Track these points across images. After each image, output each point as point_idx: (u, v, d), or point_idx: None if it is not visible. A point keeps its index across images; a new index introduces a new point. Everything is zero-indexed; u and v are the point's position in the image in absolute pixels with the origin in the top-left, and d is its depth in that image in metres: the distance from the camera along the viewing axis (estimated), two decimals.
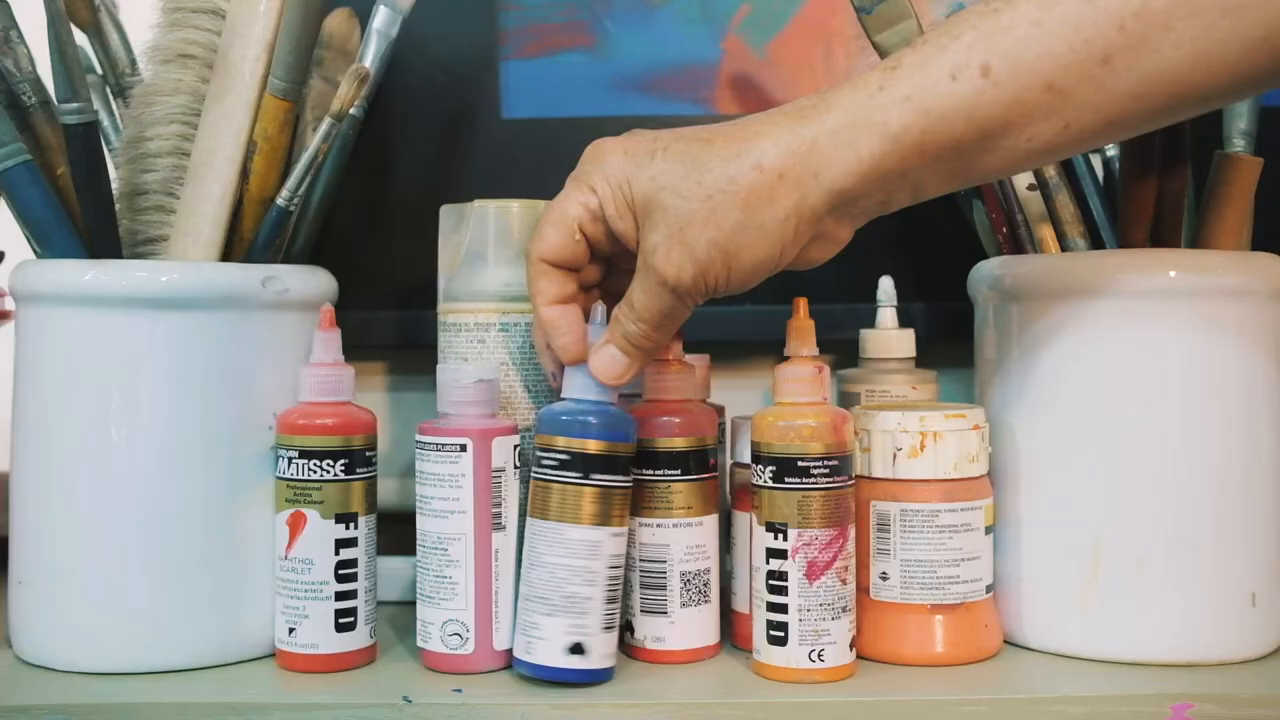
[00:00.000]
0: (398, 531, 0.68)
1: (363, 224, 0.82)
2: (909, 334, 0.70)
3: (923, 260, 0.80)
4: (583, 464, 0.56)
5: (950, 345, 0.77)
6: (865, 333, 0.71)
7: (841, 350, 0.77)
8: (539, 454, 0.57)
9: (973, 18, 0.50)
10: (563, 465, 0.56)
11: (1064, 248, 0.66)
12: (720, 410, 0.69)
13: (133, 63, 0.68)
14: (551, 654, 0.56)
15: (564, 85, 0.82)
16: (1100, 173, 0.68)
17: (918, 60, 0.50)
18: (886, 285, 0.71)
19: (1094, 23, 0.47)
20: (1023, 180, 0.67)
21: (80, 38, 0.67)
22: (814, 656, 0.57)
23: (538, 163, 0.81)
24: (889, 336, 0.70)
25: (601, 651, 0.56)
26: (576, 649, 0.56)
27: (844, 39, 0.81)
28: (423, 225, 0.68)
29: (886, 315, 0.70)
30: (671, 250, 0.52)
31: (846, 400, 0.71)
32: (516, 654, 0.57)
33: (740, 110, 0.81)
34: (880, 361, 0.70)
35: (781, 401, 0.58)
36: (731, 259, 0.52)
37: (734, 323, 0.80)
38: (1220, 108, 0.61)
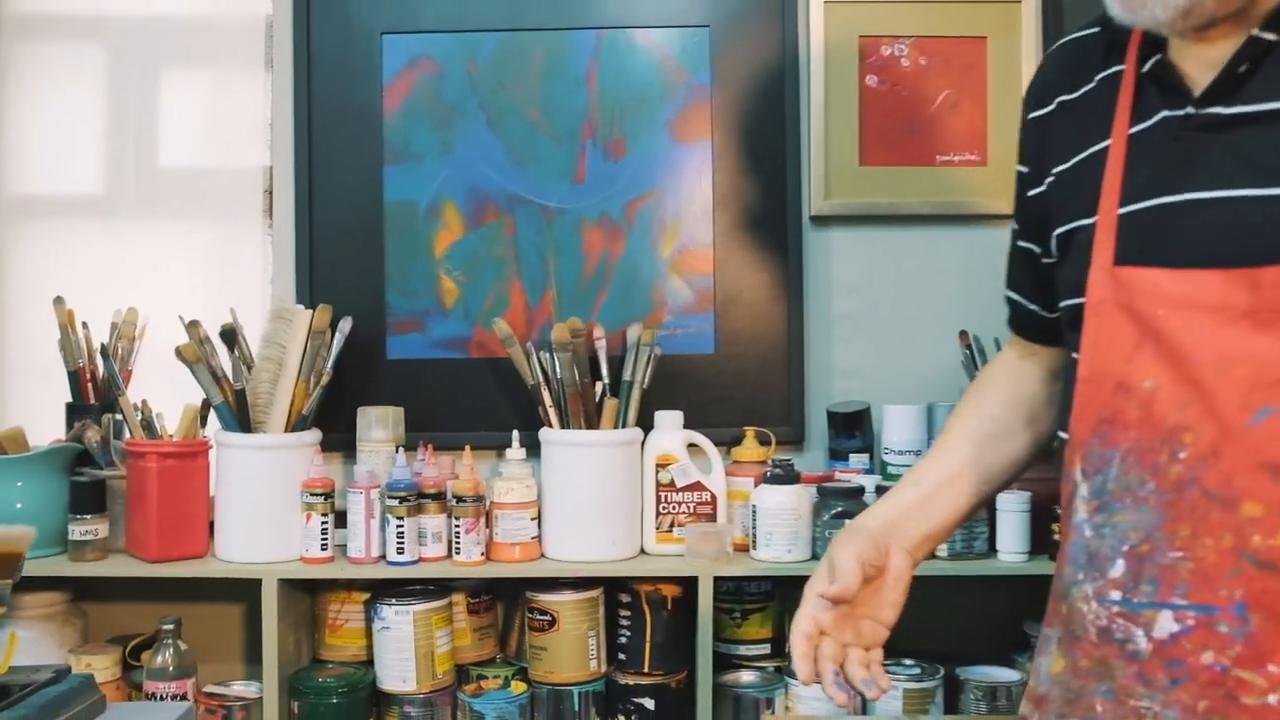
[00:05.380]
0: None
1: (337, 404, 2.06)
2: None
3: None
4: (401, 497, 1.82)
5: None
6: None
7: None
8: (388, 500, 1.83)
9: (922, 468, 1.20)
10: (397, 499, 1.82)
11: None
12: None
13: (253, 356, 1.94)
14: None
15: (413, 345, 2.08)
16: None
17: (902, 484, 1.18)
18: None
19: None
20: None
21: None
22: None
23: (404, 379, 2.06)
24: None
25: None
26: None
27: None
28: (355, 408, 1.95)
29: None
30: (907, 562, 1.07)
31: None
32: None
33: (484, 355, 2.07)
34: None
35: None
36: (917, 560, 1.10)
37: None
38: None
